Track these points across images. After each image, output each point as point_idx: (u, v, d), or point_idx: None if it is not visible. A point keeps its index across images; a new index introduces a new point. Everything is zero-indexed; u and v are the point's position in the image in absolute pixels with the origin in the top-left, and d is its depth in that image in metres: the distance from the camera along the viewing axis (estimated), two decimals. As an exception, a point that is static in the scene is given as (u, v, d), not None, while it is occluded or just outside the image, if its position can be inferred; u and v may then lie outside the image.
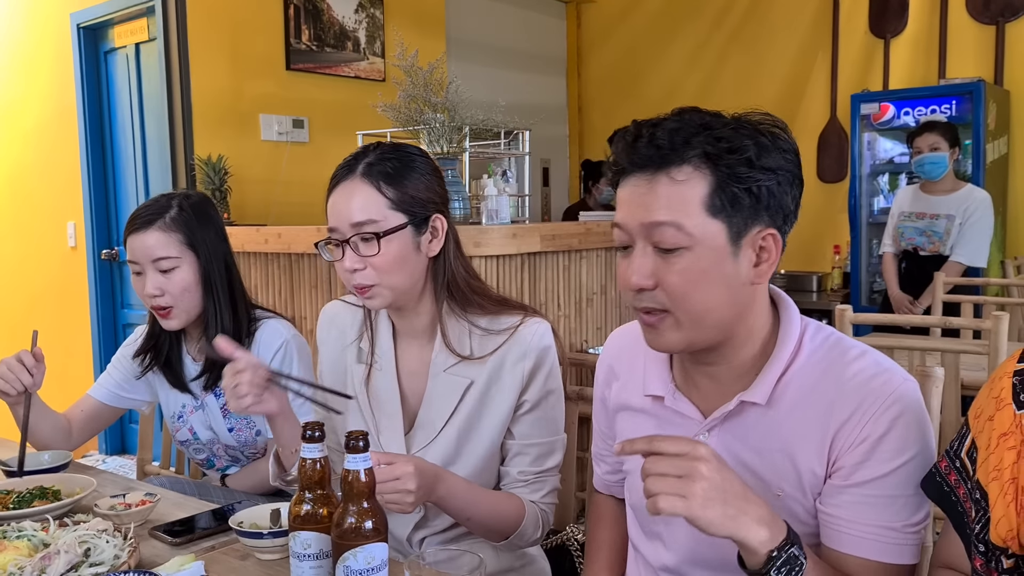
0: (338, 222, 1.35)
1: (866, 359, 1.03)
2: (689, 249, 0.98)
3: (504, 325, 1.41)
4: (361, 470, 1.02)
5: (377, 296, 1.37)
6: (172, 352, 1.78)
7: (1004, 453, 0.86)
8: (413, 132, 3.27)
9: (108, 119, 4.47)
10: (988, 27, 4.65)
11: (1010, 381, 0.89)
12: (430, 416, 1.43)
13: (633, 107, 5.93)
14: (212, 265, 1.69)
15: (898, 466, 0.98)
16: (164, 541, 1.32)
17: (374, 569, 1.02)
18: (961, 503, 0.92)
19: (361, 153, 1.40)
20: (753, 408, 1.05)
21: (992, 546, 0.87)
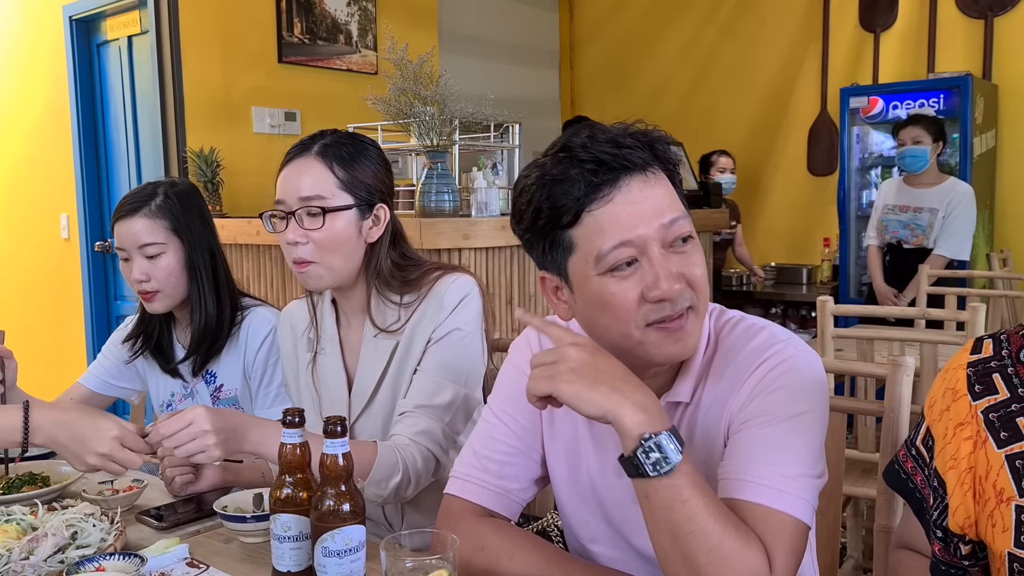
0: (286, 195, 1.42)
1: (764, 334, 1.05)
2: (695, 237, 1.02)
3: (421, 292, 1.47)
4: (339, 454, 1.05)
5: (314, 275, 1.43)
6: (163, 337, 1.82)
7: (961, 443, 0.89)
8: (403, 125, 3.30)
9: (101, 111, 4.49)
10: (977, 21, 4.67)
11: (964, 373, 0.91)
12: (363, 383, 1.50)
13: (625, 100, 5.98)
14: (196, 251, 1.73)
15: (787, 418, 0.98)
16: (150, 525, 1.35)
17: (351, 550, 1.05)
18: (919, 490, 0.95)
19: (318, 135, 1.47)
20: (678, 405, 1.07)
21: (951, 533, 0.90)
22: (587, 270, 1.00)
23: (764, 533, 0.93)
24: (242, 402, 1.77)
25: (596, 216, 0.97)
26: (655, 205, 0.98)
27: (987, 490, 0.87)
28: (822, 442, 1.02)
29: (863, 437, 2.29)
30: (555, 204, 0.99)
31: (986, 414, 0.88)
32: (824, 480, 1.01)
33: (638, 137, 1.00)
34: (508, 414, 1.18)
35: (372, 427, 1.48)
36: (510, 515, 1.17)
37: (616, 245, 0.97)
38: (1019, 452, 0.85)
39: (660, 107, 5.76)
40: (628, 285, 0.98)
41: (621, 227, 0.97)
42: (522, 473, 1.17)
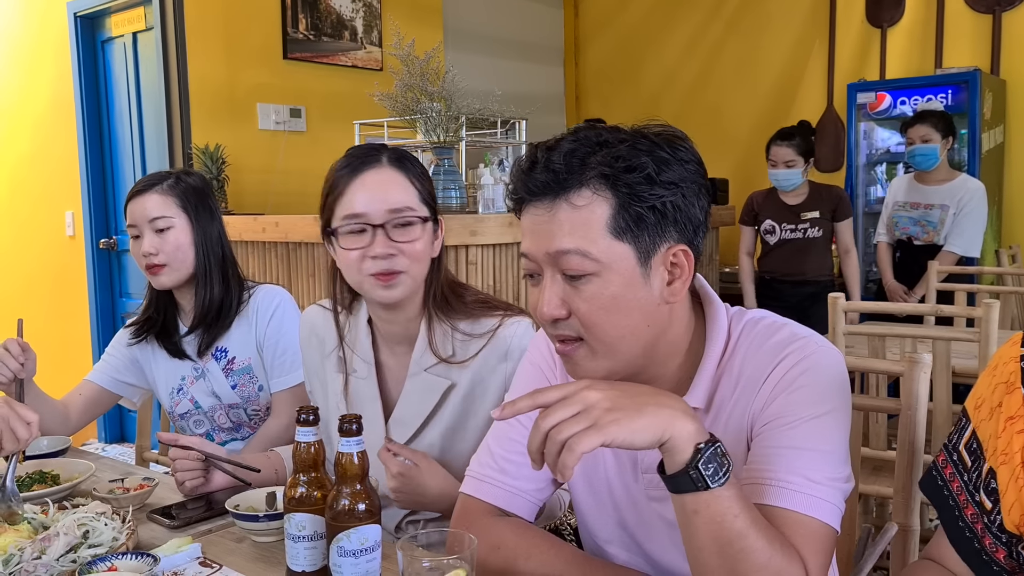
0: (368, 207, 1.34)
1: (784, 332, 1.03)
2: (597, 275, 0.95)
3: (484, 328, 1.41)
4: (354, 453, 1.04)
5: (401, 284, 1.36)
6: (168, 322, 1.84)
7: (1013, 437, 0.86)
8: (409, 121, 3.29)
9: (106, 108, 4.48)
10: (985, 16, 4.65)
11: (1018, 365, 0.88)
12: (407, 413, 1.43)
13: (630, 96, 5.96)
14: (205, 233, 1.78)
15: (811, 418, 0.96)
16: (162, 524, 1.34)
17: (367, 550, 1.04)
18: (954, 496, 0.92)
19: (376, 147, 1.40)
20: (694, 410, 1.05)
21: (1010, 535, 0.86)
22: None
23: (798, 542, 0.91)
24: (255, 371, 1.82)
25: (522, 218, 1.01)
26: (554, 230, 0.96)
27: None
28: (847, 442, 1.00)
29: (874, 434, 2.27)
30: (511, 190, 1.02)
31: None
32: (851, 485, 0.99)
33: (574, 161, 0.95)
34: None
35: None
36: (527, 515, 1.16)
37: (522, 251, 1.01)
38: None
39: (665, 103, 5.74)
40: (534, 295, 1.01)
41: (527, 237, 1.00)
42: (539, 474, 1.16)
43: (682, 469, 0.85)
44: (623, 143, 0.95)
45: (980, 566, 0.89)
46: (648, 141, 0.96)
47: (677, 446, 0.85)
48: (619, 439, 0.82)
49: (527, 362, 1.21)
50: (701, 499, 0.85)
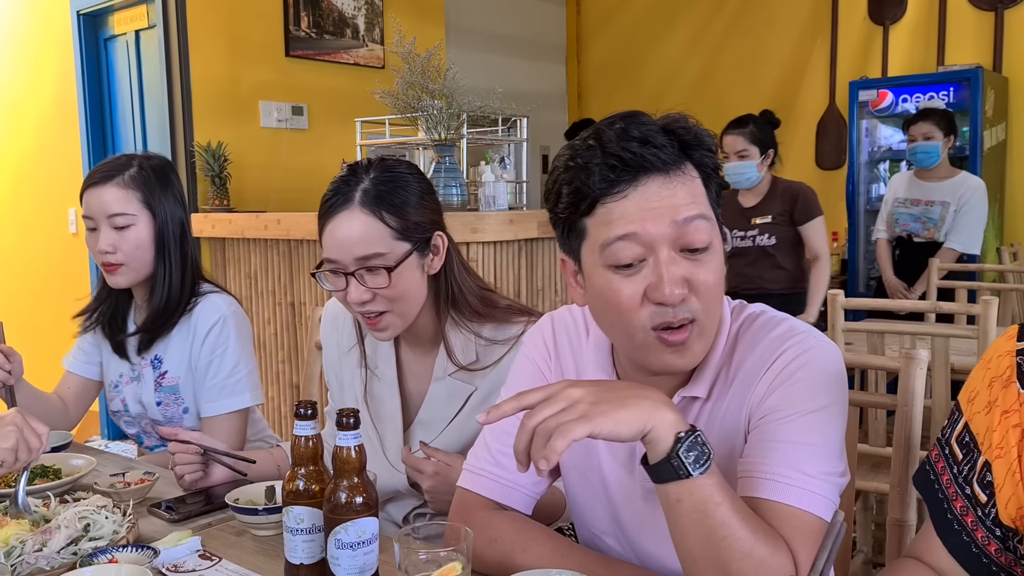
0: (340, 255, 1.32)
1: (783, 326, 1.04)
2: (713, 244, 0.97)
3: (508, 334, 1.40)
4: (352, 447, 1.05)
5: (390, 327, 1.36)
6: (116, 315, 1.77)
7: (1008, 431, 0.86)
8: (411, 119, 3.29)
9: (108, 106, 4.49)
10: (987, 14, 4.65)
11: (1013, 360, 0.88)
12: (430, 416, 1.44)
13: (632, 94, 5.96)
14: (167, 228, 1.68)
15: (808, 412, 0.97)
16: (162, 518, 1.35)
17: (364, 542, 1.05)
18: (944, 489, 0.92)
19: (351, 177, 1.35)
20: (694, 401, 1.06)
21: (1005, 528, 0.87)
22: (595, 261, 0.99)
23: (788, 534, 0.91)
24: (182, 391, 1.74)
25: (608, 208, 0.96)
26: (671, 204, 0.95)
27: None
28: (843, 437, 1.01)
29: (873, 431, 2.28)
30: (574, 191, 0.98)
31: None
32: (847, 479, 1.00)
33: (677, 135, 0.97)
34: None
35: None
36: (523, 509, 1.16)
37: (621, 236, 0.95)
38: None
39: (667, 100, 5.64)
40: (631, 283, 0.96)
41: (629, 220, 0.95)
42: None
43: (664, 458, 0.86)
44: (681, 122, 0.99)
45: (969, 559, 0.89)
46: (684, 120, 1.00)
47: (659, 436, 0.86)
48: (605, 430, 0.84)
49: (522, 356, 1.22)
50: (684, 487, 0.87)
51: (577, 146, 0.99)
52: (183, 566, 1.16)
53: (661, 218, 0.95)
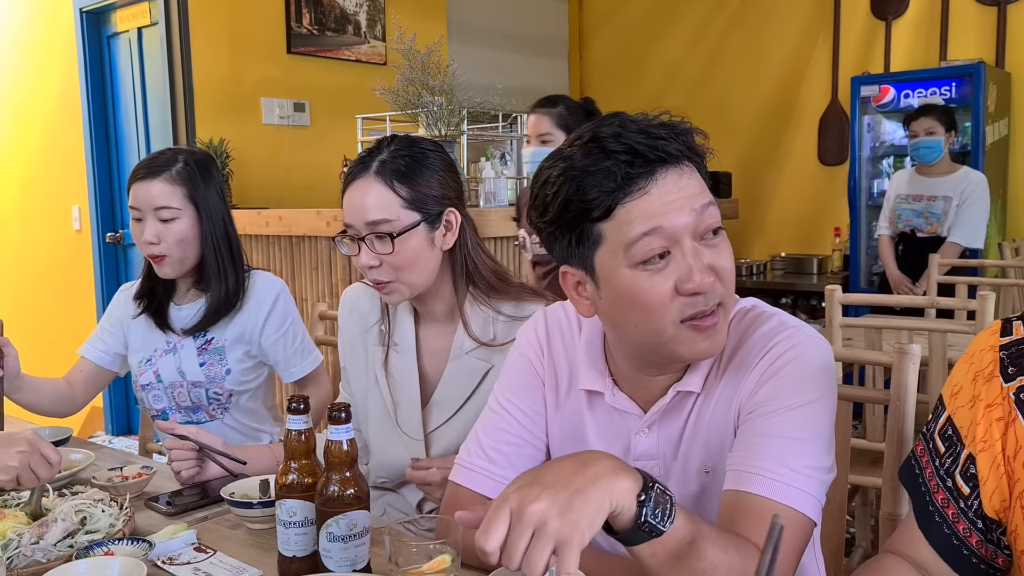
0: (354, 219, 1.39)
1: (773, 321, 1.05)
2: (723, 228, 0.99)
3: (527, 312, 1.42)
4: (343, 440, 1.06)
5: (395, 292, 1.42)
6: (165, 299, 1.84)
7: (992, 424, 0.87)
8: (411, 115, 3.30)
9: (112, 103, 4.51)
10: (990, 8, 4.63)
11: (996, 355, 0.89)
12: (448, 395, 1.46)
13: (635, 90, 5.96)
14: (211, 223, 1.75)
15: (795, 407, 0.98)
16: (159, 511, 1.36)
17: (356, 535, 1.06)
18: (926, 482, 0.93)
19: (375, 149, 1.42)
20: (689, 395, 1.06)
21: (988, 520, 0.88)
22: (617, 263, 0.97)
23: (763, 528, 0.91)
24: (227, 353, 1.79)
25: (628, 208, 0.94)
26: (688, 194, 0.96)
27: (1017, 470, 0.85)
28: (831, 432, 1.01)
29: (871, 427, 2.28)
30: (586, 197, 0.95)
31: (1017, 395, 0.86)
32: (833, 475, 1.00)
33: (670, 128, 0.98)
34: (513, 404, 1.18)
35: (449, 439, 1.45)
36: None
37: (646, 231, 0.94)
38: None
39: (669, 96, 5.73)
40: (660, 279, 0.95)
41: (653, 215, 0.94)
42: (527, 463, 1.17)
43: (633, 526, 0.83)
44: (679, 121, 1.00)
45: (950, 550, 0.90)
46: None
47: (623, 508, 0.82)
48: (587, 537, 0.79)
49: (515, 351, 1.23)
50: (656, 543, 0.85)
51: (574, 153, 0.97)
52: (178, 559, 1.17)
53: (681, 209, 0.95)
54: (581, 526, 0.78)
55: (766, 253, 5.41)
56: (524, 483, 0.82)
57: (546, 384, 1.18)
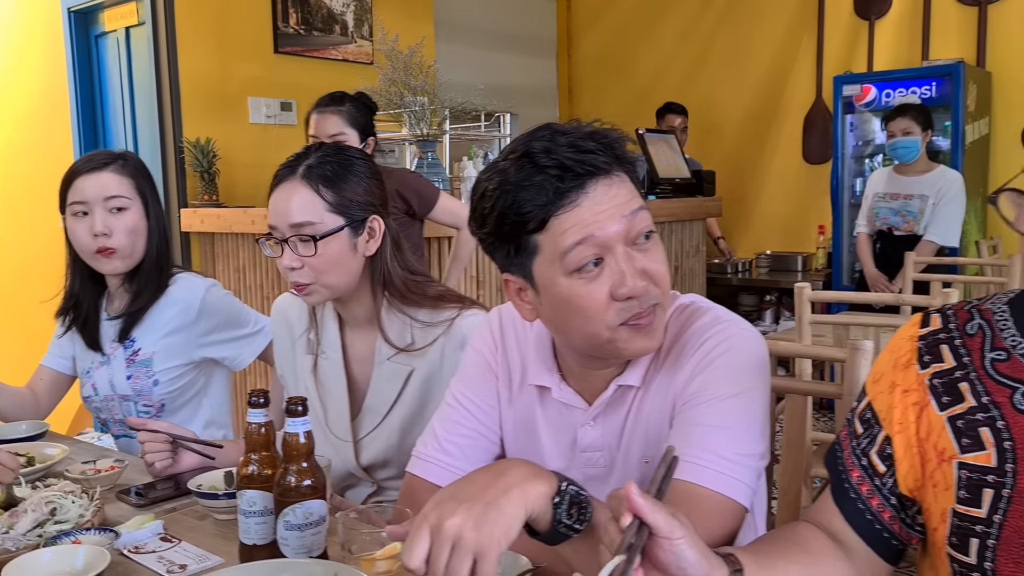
0: (278, 221, 1.41)
1: (708, 316, 1.09)
2: (655, 231, 1.03)
3: (442, 318, 1.46)
4: (300, 433, 1.10)
5: (314, 293, 1.44)
6: (89, 311, 1.82)
7: (907, 408, 0.92)
8: (394, 115, 3.34)
9: (100, 102, 4.54)
10: (971, 9, 4.68)
11: (914, 345, 0.94)
12: (376, 402, 1.49)
13: (623, 88, 6.00)
14: (156, 220, 1.78)
15: (725, 397, 1.02)
16: (129, 503, 1.40)
17: (312, 524, 1.10)
18: (844, 462, 0.98)
19: (303, 154, 1.45)
20: (629, 390, 1.10)
21: (902, 498, 0.93)
22: (553, 271, 1.01)
23: (702, 514, 0.95)
24: (155, 364, 1.78)
25: (562, 219, 0.99)
26: (618, 203, 1.00)
27: (928, 451, 0.90)
28: (763, 421, 1.06)
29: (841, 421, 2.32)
30: (520, 210, 0.99)
31: (931, 381, 0.91)
32: (765, 462, 1.05)
33: (598, 139, 1.01)
34: (468, 398, 1.23)
35: (379, 445, 1.50)
36: None
37: (579, 241, 0.98)
38: (959, 414, 0.88)
39: (657, 95, 5.76)
40: (595, 286, 0.99)
41: (584, 225, 0.98)
42: (482, 455, 1.22)
43: (551, 528, 0.87)
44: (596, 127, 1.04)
45: (863, 524, 0.95)
46: None
47: (538, 512, 0.86)
48: (504, 546, 0.83)
49: (471, 349, 1.27)
50: (577, 540, 0.88)
51: (508, 168, 1.01)
52: (144, 548, 1.21)
53: (612, 217, 0.99)
54: (496, 536, 0.82)
55: (751, 251, 5.45)
56: (442, 499, 0.86)
57: (499, 379, 1.23)
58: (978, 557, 0.86)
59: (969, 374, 0.90)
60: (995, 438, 0.86)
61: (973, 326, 0.92)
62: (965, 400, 0.89)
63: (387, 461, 1.50)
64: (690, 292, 1.22)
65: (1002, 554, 0.84)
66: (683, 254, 4.32)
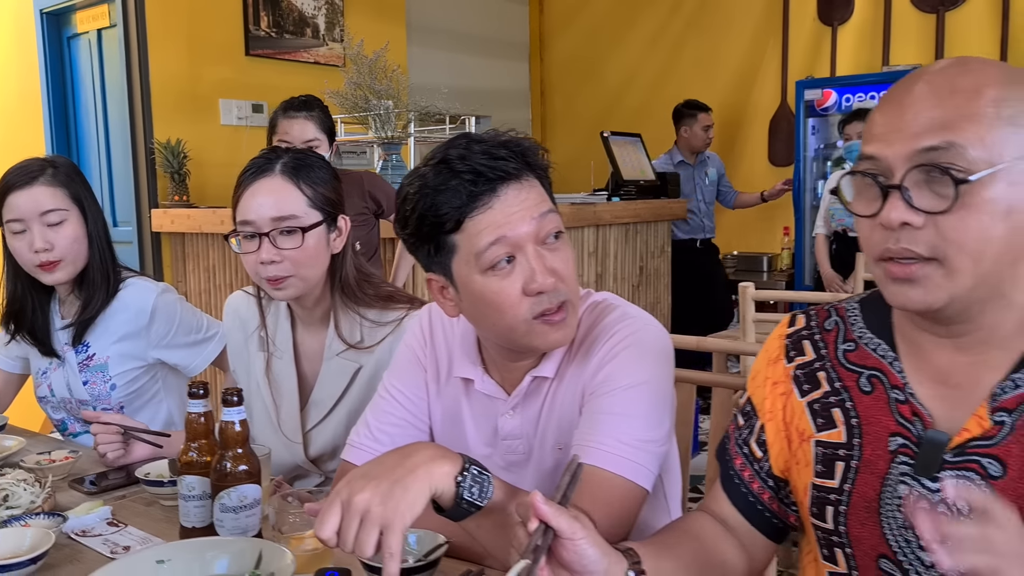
0: (257, 215, 1.45)
1: (617, 312, 1.18)
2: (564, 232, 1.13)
3: (391, 318, 1.53)
4: (235, 421, 1.18)
5: (290, 287, 1.48)
6: (36, 318, 1.82)
7: (776, 398, 1.04)
8: (360, 118, 3.41)
9: (72, 104, 4.57)
10: (929, 15, 4.80)
11: (782, 342, 1.05)
12: (323, 396, 1.56)
13: (595, 91, 6.09)
14: (96, 224, 1.78)
15: (628, 387, 1.11)
16: (81, 491, 1.47)
17: (246, 507, 1.18)
18: (730, 451, 1.09)
19: (271, 155, 1.50)
20: (544, 381, 1.19)
21: (776, 479, 1.04)
22: (470, 269, 1.09)
23: (595, 495, 1.04)
24: (110, 369, 1.81)
25: (476, 220, 1.07)
26: (528, 205, 1.09)
27: (792, 433, 1.01)
28: (663, 409, 1.14)
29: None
30: (438, 212, 1.07)
31: (795, 372, 1.02)
32: (666, 447, 1.14)
33: (510, 147, 1.10)
34: (398, 390, 1.31)
35: (325, 438, 1.56)
36: None
37: (493, 241, 1.06)
38: (817, 399, 1.00)
39: (628, 98, 5.87)
40: (509, 282, 1.08)
41: (497, 226, 1.07)
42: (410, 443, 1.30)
43: (454, 504, 0.96)
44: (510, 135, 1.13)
45: (748, 508, 1.06)
46: None
47: (442, 490, 0.95)
48: (408, 519, 0.91)
49: (403, 344, 1.35)
50: (479, 516, 0.98)
51: (427, 173, 1.09)
52: (91, 531, 1.28)
53: (522, 219, 1.08)
54: (401, 511, 0.90)
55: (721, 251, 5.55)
56: (354, 477, 0.95)
57: (428, 372, 1.31)
58: (834, 522, 0.96)
59: (825, 364, 1.00)
60: (844, 417, 0.97)
61: (830, 323, 1.03)
62: (821, 386, 1.00)
63: (334, 453, 1.57)
64: (655, 292, 1.31)
65: (852, 518, 0.95)
66: (648, 254, 4.41)
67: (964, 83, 0.83)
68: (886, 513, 0.92)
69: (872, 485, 0.93)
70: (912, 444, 0.91)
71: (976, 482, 0.87)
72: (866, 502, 0.93)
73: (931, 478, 0.89)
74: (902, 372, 0.94)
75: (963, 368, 0.91)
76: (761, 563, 1.10)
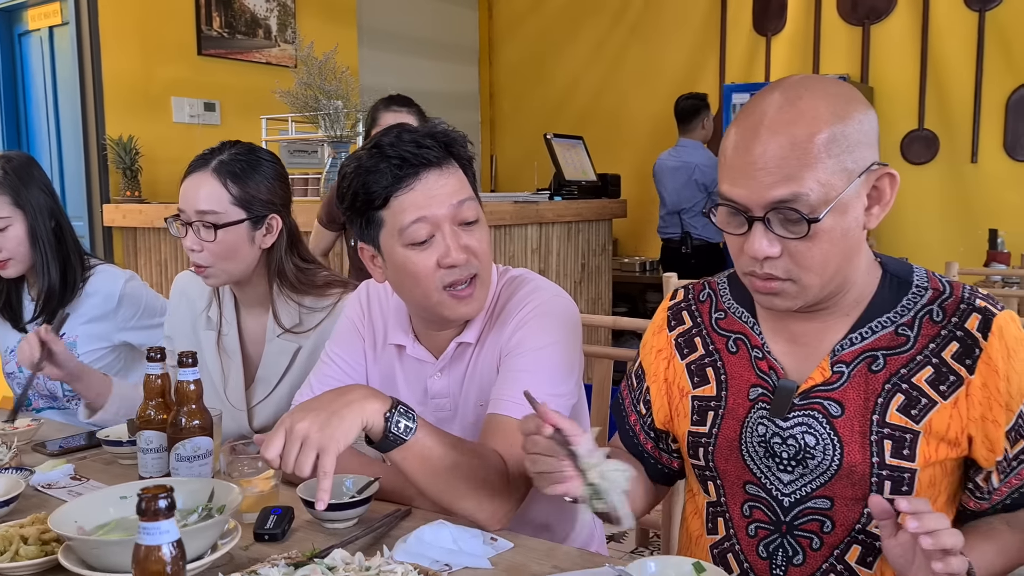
0: (186, 206, 1.59)
1: (531, 285, 1.36)
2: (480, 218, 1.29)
3: (326, 303, 1.67)
4: (190, 380, 1.32)
5: (211, 276, 1.62)
6: (12, 295, 1.99)
7: (659, 362, 1.23)
8: (309, 117, 3.54)
9: (23, 100, 4.62)
10: (856, 28, 5.08)
11: (666, 314, 1.24)
12: (267, 374, 1.69)
13: (542, 95, 6.29)
14: (39, 221, 1.91)
15: (536, 349, 1.28)
16: (44, 453, 1.59)
17: (199, 456, 1.32)
18: (625, 409, 1.28)
19: (217, 149, 1.62)
20: (468, 347, 1.36)
21: (658, 431, 1.24)
22: (394, 242, 1.26)
23: (507, 439, 1.22)
24: (78, 348, 1.93)
25: (400, 200, 1.24)
26: (448, 191, 1.25)
27: (673, 391, 1.20)
28: (569, 367, 1.32)
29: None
30: (368, 190, 1.25)
31: (676, 339, 1.21)
32: (572, 400, 1.32)
33: (437, 138, 1.27)
34: (339, 356, 1.46)
35: (268, 412, 1.68)
36: None
37: (414, 220, 1.23)
38: (694, 360, 1.19)
39: (573, 103, 6.07)
40: (425, 256, 1.25)
41: (419, 207, 1.24)
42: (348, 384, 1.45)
43: (383, 436, 1.12)
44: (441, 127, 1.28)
45: (639, 455, 1.26)
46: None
47: (372, 423, 1.11)
48: (342, 445, 1.06)
49: (343, 316, 1.50)
50: (404, 449, 1.13)
51: (362, 156, 1.26)
52: (56, 484, 1.41)
53: (442, 203, 1.25)
54: (336, 437, 1.06)
55: (657, 250, 5.77)
56: (296, 410, 1.11)
57: (365, 341, 1.46)
58: (704, 460, 1.16)
59: (701, 331, 1.20)
60: (715, 374, 1.16)
61: (704, 295, 1.22)
62: (698, 350, 1.19)
63: None
64: (597, 288, 1.49)
65: (718, 456, 1.15)
66: (589, 252, 4.60)
67: (799, 133, 0.96)
68: (747, 449, 1.11)
69: (734, 428, 1.13)
70: (768, 392, 1.10)
71: (819, 420, 1.06)
72: (728, 442, 1.13)
73: (783, 419, 1.08)
74: (761, 335, 1.13)
75: (811, 331, 1.10)
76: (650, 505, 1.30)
